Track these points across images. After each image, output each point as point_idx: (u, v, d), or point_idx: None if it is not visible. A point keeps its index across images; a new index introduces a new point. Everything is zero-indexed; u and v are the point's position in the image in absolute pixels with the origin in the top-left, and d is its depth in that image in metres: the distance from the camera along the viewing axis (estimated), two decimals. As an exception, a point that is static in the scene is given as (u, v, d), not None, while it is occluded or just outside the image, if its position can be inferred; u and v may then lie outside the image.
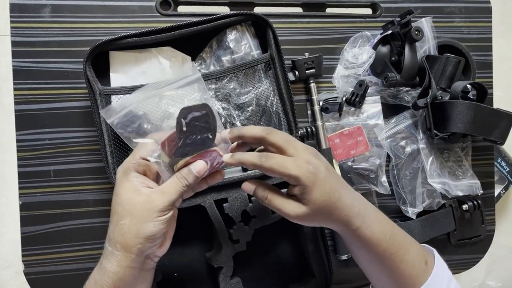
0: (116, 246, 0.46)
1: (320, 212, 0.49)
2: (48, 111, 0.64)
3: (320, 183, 0.48)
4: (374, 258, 0.52)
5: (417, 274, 0.52)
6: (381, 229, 0.51)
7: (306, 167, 0.48)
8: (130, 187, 0.47)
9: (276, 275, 0.68)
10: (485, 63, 0.79)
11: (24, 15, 0.64)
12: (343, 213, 0.49)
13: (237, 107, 0.63)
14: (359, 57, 0.69)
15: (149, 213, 0.45)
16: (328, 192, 0.48)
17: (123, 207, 0.46)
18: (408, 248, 0.52)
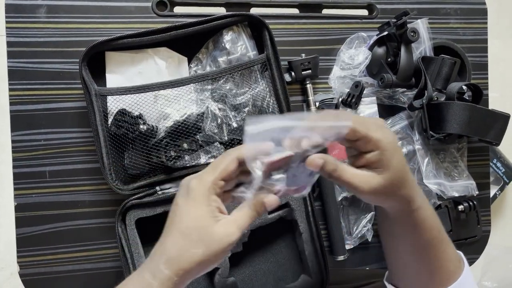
0: (178, 272, 0.42)
1: (393, 185, 0.46)
2: (43, 112, 0.64)
3: (398, 149, 0.46)
4: (421, 244, 0.50)
5: (452, 270, 0.51)
6: (433, 216, 0.50)
7: (387, 131, 0.46)
8: (209, 212, 0.43)
9: (272, 276, 0.68)
10: (481, 64, 0.79)
11: (19, 15, 0.64)
12: (410, 187, 0.47)
13: (233, 108, 0.63)
14: (355, 58, 0.70)
15: (224, 247, 0.42)
16: (403, 161, 0.46)
17: (199, 234, 0.42)
18: (449, 242, 0.52)
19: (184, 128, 0.61)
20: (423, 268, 0.52)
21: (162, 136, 0.60)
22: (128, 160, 0.60)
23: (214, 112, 0.62)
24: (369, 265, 0.74)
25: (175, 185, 0.61)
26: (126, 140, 0.60)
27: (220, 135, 0.62)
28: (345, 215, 0.72)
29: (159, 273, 0.42)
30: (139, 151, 0.60)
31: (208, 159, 0.62)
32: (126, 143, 0.60)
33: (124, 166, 0.61)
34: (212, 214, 0.43)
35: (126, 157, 0.61)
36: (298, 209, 0.65)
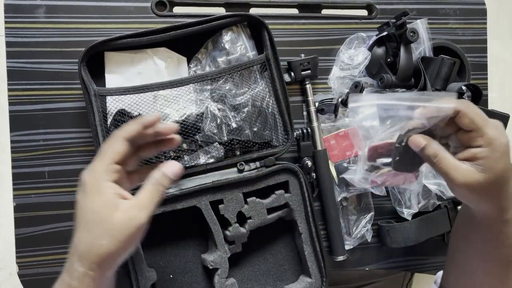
0: (91, 266, 0.42)
1: (490, 188, 0.45)
2: (42, 112, 0.64)
3: (508, 157, 0.45)
4: (497, 257, 0.49)
5: None
6: None
7: (503, 133, 0.45)
8: (106, 201, 0.42)
9: (272, 277, 0.68)
10: (480, 64, 0.79)
11: (18, 16, 0.63)
12: (506, 199, 0.46)
13: (232, 108, 0.63)
14: (355, 58, 0.70)
15: (130, 232, 0.42)
16: (507, 170, 0.45)
17: (100, 226, 0.42)
18: None
19: (183, 128, 0.60)
20: (489, 282, 0.51)
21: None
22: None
23: (214, 112, 0.62)
24: (368, 266, 0.74)
25: (174, 186, 0.61)
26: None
27: (219, 135, 0.62)
28: (344, 216, 0.72)
29: (74, 271, 0.42)
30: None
31: (208, 159, 0.62)
32: None
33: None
34: (111, 203, 0.42)
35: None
36: (298, 210, 0.65)
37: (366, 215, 0.72)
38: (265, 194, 0.65)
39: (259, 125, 0.64)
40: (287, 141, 0.65)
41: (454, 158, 0.46)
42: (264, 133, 0.64)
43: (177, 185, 0.61)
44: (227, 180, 0.62)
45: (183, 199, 0.61)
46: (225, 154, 0.63)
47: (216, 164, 0.62)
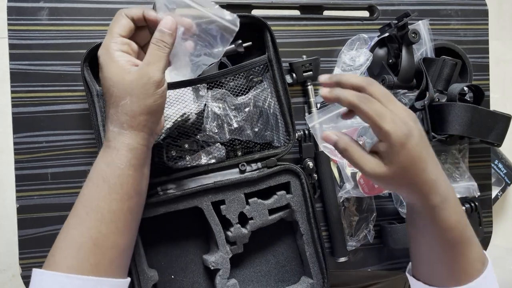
0: (123, 125, 0.47)
1: (399, 178, 0.46)
2: (45, 114, 0.64)
3: (409, 147, 0.45)
4: (438, 243, 0.50)
5: (472, 273, 0.50)
6: (457, 216, 0.49)
7: (401, 126, 0.45)
8: (119, 67, 0.47)
9: (273, 278, 0.68)
10: (482, 65, 0.79)
11: (21, 18, 0.64)
12: (423, 186, 0.46)
13: (234, 107, 0.63)
14: (357, 59, 0.70)
15: (147, 88, 0.46)
16: (413, 160, 0.45)
17: (118, 88, 0.46)
18: (473, 244, 0.51)
19: (184, 128, 0.61)
20: (440, 267, 0.51)
21: (163, 137, 0.60)
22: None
23: (215, 112, 0.62)
24: (370, 267, 0.74)
25: (176, 186, 0.61)
26: None
27: (220, 135, 0.62)
28: (346, 217, 0.72)
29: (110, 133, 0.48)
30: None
31: (209, 159, 0.62)
32: None
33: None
34: (122, 68, 0.47)
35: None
36: (299, 211, 0.65)
37: (368, 216, 0.72)
38: (266, 195, 0.65)
39: (260, 126, 0.64)
40: (288, 142, 0.65)
41: (363, 151, 0.48)
42: (266, 134, 0.64)
43: (179, 186, 0.61)
44: (229, 180, 0.62)
45: (184, 200, 0.61)
46: (226, 155, 0.63)
47: (218, 165, 0.62)
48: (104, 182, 0.47)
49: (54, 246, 0.47)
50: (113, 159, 0.47)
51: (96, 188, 0.47)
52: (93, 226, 0.46)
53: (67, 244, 0.46)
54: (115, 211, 0.47)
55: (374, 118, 0.45)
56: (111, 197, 0.47)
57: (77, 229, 0.47)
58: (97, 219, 0.46)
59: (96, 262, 0.46)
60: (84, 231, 0.46)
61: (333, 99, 0.48)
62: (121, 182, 0.47)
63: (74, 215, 0.48)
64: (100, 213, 0.46)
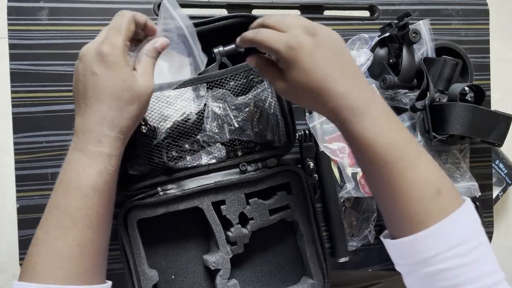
0: (122, 130, 0.47)
1: (302, 93, 0.48)
2: (45, 114, 0.64)
3: (300, 61, 0.46)
4: (366, 161, 0.47)
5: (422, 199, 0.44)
6: (377, 130, 0.45)
7: (287, 41, 0.46)
8: (130, 71, 0.47)
9: (274, 278, 0.68)
10: (483, 65, 0.79)
11: (21, 18, 0.64)
12: (330, 100, 0.45)
13: (234, 107, 0.63)
14: (357, 59, 0.69)
15: (149, 97, 0.48)
16: (309, 73, 0.46)
17: (129, 92, 0.46)
18: (416, 164, 0.45)
19: (185, 128, 0.60)
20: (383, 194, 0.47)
21: (163, 137, 0.60)
22: (130, 161, 0.60)
23: (215, 111, 0.61)
24: (371, 267, 0.73)
25: (176, 186, 0.61)
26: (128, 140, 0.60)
27: (221, 135, 0.62)
28: (347, 217, 0.72)
29: (106, 138, 0.46)
30: (140, 151, 0.60)
31: (210, 159, 0.62)
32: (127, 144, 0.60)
33: (125, 167, 0.61)
34: (132, 72, 0.47)
35: (127, 158, 0.61)
36: (299, 211, 0.65)
37: (369, 216, 0.72)
38: (267, 195, 0.65)
39: (261, 126, 0.64)
40: (289, 142, 0.65)
41: (275, 70, 0.51)
42: (266, 134, 0.64)
43: (179, 186, 0.61)
44: (229, 181, 0.62)
45: (185, 200, 0.61)
46: (227, 155, 0.63)
47: (218, 165, 0.62)
48: (95, 191, 0.46)
49: (33, 258, 0.45)
50: (105, 167, 0.46)
51: (85, 197, 0.45)
52: (80, 233, 0.45)
53: (53, 255, 0.44)
54: (102, 215, 0.47)
55: (265, 44, 0.48)
56: (100, 203, 0.46)
57: (62, 239, 0.45)
58: (85, 226, 0.45)
59: (84, 270, 0.45)
60: (70, 240, 0.45)
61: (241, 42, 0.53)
62: (109, 187, 0.47)
63: (57, 226, 0.45)
64: (88, 220, 0.45)
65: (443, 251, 0.43)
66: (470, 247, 0.43)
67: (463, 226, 0.44)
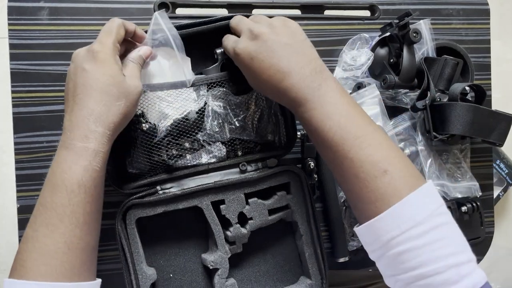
0: (110, 126, 0.47)
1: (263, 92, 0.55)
2: (46, 114, 0.64)
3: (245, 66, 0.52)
4: (319, 148, 0.51)
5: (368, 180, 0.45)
6: (322, 115, 0.47)
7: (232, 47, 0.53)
8: (119, 69, 0.49)
9: (272, 278, 0.68)
10: (484, 64, 0.79)
11: (21, 18, 0.64)
12: (280, 95, 0.51)
13: (235, 106, 0.63)
14: (358, 59, 0.69)
15: (137, 97, 0.50)
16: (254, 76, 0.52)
17: (117, 89, 0.48)
18: (358, 145, 0.46)
19: (185, 127, 0.60)
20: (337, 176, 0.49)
21: (163, 135, 0.60)
22: (129, 159, 0.60)
23: (215, 110, 0.61)
24: (371, 267, 0.73)
25: (176, 185, 0.61)
26: (128, 138, 0.60)
27: (221, 134, 0.62)
28: (347, 217, 0.72)
29: (92, 133, 0.46)
30: (140, 149, 0.60)
31: (210, 158, 0.62)
32: (127, 142, 0.60)
33: (124, 165, 0.61)
34: (121, 71, 0.49)
35: (127, 156, 0.61)
36: (299, 211, 0.65)
37: (369, 216, 0.72)
38: (267, 195, 0.65)
39: (261, 125, 0.64)
40: (290, 142, 0.65)
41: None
42: (267, 134, 0.64)
43: (179, 185, 0.61)
44: (229, 180, 0.62)
45: (184, 199, 0.61)
46: (227, 154, 0.63)
47: (218, 164, 0.62)
48: (80, 187, 0.46)
49: (22, 256, 0.46)
50: (90, 162, 0.46)
51: (71, 193, 0.46)
52: (67, 230, 0.45)
53: (41, 252, 0.45)
54: (89, 213, 0.47)
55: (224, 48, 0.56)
56: (86, 200, 0.46)
57: (49, 236, 0.45)
58: (71, 223, 0.45)
59: (71, 266, 0.45)
60: (57, 237, 0.45)
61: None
62: (96, 184, 0.47)
63: (44, 223, 0.46)
64: (74, 218, 0.46)
65: (398, 234, 0.43)
66: (426, 229, 0.43)
67: (417, 208, 0.43)
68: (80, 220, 0.46)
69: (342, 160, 0.46)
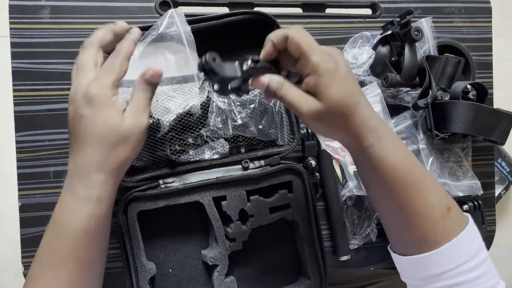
0: (111, 173, 0.46)
1: (334, 112, 0.44)
2: (47, 112, 0.64)
3: (339, 79, 0.44)
4: (385, 186, 0.47)
5: (434, 218, 0.46)
6: (398, 155, 0.46)
7: (328, 57, 0.44)
8: (117, 112, 0.45)
9: (271, 276, 0.68)
10: (485, 63, 0.79)
11: (23, 16, 0.64)
12: (358, 122, 0.45)
13: (239, 103, 0.63)
14: (359, 57, 0.69)
15: (140, 136, 0.46)
16: (346, 92, 0.44)
17: (114, 134, 0.45)
18: (429, 186, 0.47)
19: (188, 122, 0.60)
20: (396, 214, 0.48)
21: (167, 130, 0.60)
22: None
23: (219, 106, 0.61)
24: (373, 265, 0.73)
25: (179, 180, 0.61)
26: None
27: (224, 130, 0.62)
28: (349, 215, 0.72)
29: (94, 181, 0.45)
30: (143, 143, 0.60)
31: (213, 154, 0.62)
32: None
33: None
34: (119, 111, 0.45)
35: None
36: (300, 211, 0.65)
37: (371, 215, 0.72)
38: (268, 193, 0.65)
39: (265, 123, 0.64)
40: (293, 140, 0.65)
41: (298, 90, 0.46)
42: (270, 132, 0.64)
43: (181, 180, 0.61)
44: (231, 177, 0.62)
45: (186, 194, 0.61)
46: (230, 151, 0.63)
47: (221, 160, 0.62)
48: (85, 234, 0.46)
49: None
50: (94, 209, 0.46)
51: (75, 240, 0.45)
52: (71, 274, 0.45)
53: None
54: (94, 256, 0.47)
55: (304, 47, 0.43)
56: (91, 245, 0.46)
57: (53, 278, 0.45)
58: (75, 267, 0.46)
59: None
60: (61, 279, 0.45)
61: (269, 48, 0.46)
62: (100, 229, 0.47)
63: (49, 265, 0.46)
64: (78, 262, 0.46)
65: (452, 268, 0.45)
66: (477, 263, 0.45)
67: (471, 243, 0.46)
68: (84, 264, 0.46)
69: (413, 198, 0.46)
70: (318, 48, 0.44)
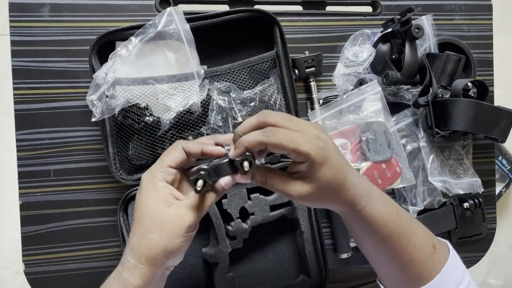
0: (141, 259, 0.44)
1: (325, 191, 0.45)
2: (47, 111, 0.64)
3: (330, 159, 0.44)
4: (379, 240, 0.48)
5: (424, 258, 0.49)
6: (387, 209, 0.48)
7: (316, 142, 0.43)
8: (159, 198, 0.45)
9: (272, 274, 0.68)
10: (486, 60, 0.79)
11: (23, 15, 0.64)
12: (349, 192, 0.46)
13: (239, 101, 0.63)
14: (359, 55, 0.69)
15: (179, 229, 0.44)
16: (336, 170, 0.44)
17: (151, 219, 0.44)
18: (415, 230, 0.49)
19: (188, 120, 0.60)
20: (390, 263, 0.50)
21: (167, 128, 0.60)
22: (133, 151, 0.60)
23: (220, 104, 0.61)
24: (373, 263, 0.73)
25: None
26: (132, 130, 0.60)
27: (225, 128, 0.62)
28: (349, 213, 0.72)
29: (127, 263, 0.45)
30: (144, 142, 0.60)
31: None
32: (131, 134, 0.60)
33: (128, 156, 0.61)
34: (163, 199, 0.45)
35: (131, 148, 0.61)
36: (301, 208, 0.65)
37: (371, 213, 0.72)
38: (268, 191, 0.65)
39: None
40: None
41: (282, 175, 0.46)
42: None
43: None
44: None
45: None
46: (230, 149, 0.63)
47: (221, 159, 0.62)
48: None
49: None
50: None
51: None
52: None
53: None
54: None
55: (289, 146, 0.42)
56: None
57: None
58: None
59: None
60: None
61: (242, 152, 0.44)
62: None
63: None
64: None
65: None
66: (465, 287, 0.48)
67: (456, 269, 0.49)
68: None
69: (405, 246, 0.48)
70: (303, 137, 0.43)
